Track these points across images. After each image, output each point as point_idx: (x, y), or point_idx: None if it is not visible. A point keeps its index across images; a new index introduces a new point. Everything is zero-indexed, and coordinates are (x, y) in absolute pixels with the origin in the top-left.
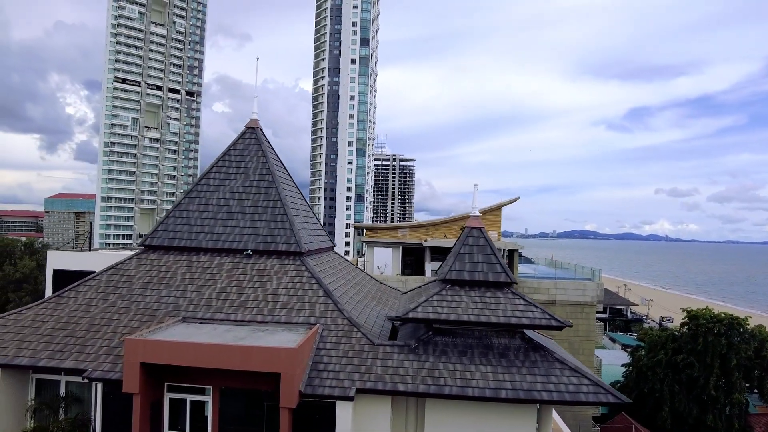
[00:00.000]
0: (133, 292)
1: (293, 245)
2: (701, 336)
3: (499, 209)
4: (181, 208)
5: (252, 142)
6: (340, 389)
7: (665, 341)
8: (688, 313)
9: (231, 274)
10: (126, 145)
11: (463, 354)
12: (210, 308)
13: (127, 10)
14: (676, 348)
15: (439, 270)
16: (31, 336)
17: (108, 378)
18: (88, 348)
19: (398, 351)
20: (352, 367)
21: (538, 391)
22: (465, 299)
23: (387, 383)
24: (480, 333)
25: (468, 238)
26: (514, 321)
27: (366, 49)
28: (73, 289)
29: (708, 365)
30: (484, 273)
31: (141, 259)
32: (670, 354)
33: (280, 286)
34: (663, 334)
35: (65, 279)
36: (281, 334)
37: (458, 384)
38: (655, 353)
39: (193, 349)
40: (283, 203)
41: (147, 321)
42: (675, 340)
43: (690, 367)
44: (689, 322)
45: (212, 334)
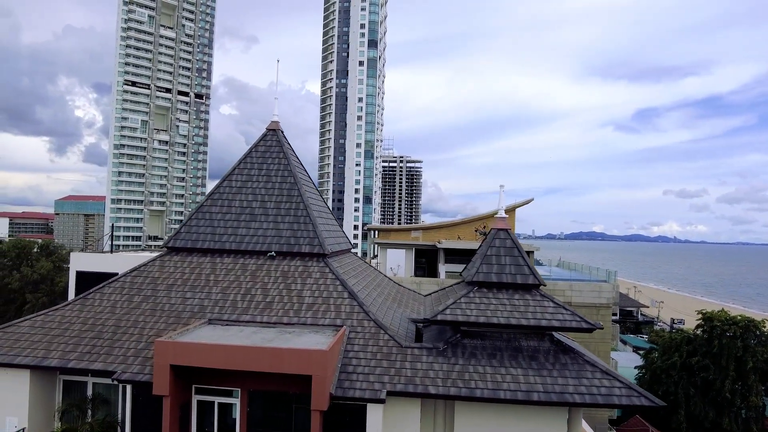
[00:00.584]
0: (157, 293)
1: (316, 247)
2: (716, 338)
3: (513, 211)
4: (203, 209)
5: (273, 144)
6: (371, 392)
7: (679, 343)
8: (703, 315)
9: (255, 276)
10: (135, 147)
11: (492, 356)
12: (236, 310)
13: (137, 13)
14: (691, 350)
15: (464, 272)
16: (59, 338)
17: (137, 380)
18: (116, 350)
19: (426, 353)
20: (381, 369)
21: (570, 394)
22: (493, 301)
23: (417, 386)
24: (508, 335)
25: (495, 239)
26: (545, 323)
27: (374, 51)
28: (98, 291)
29: (723, 368)
30: (511, 275)
31: (164, 261)
32: (685, 356)
33: (305, 287)
34: (677, 337)
35: (88, 280)
36: (308, 336)
37: (489, 387)
38: (669, 355)
39: (224, 352)
40: (305, 205)
41: (173, 323)
42: (689, 343)
43: (705, 369)
44: (704, 325)
45: (240, 336)
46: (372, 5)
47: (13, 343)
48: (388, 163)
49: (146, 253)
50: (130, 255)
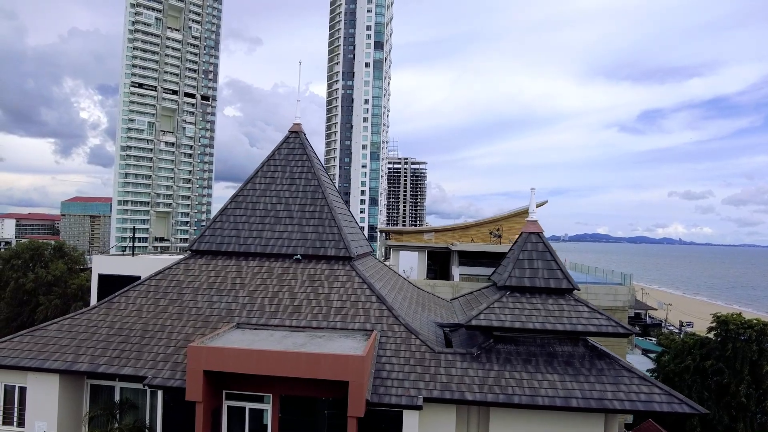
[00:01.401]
0: (183, 297)
1: (342, 250)
2: (731, 342)
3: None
4: (227, 212)
5: (296, 146)
6: (407, 398)
7: (692, 347)
8: (717, 318)
9: (282, 279)
10: (142, 149)
11: (527, 362)
12: (264, 314)
13: (144, 15)
14: (704, 354)
15: (494, 276)
16: (87, 342)
17: (168, 386)
18: (145, 354)
19: (460, 359)
20: (415, 375)
21: (610, 400)
22: (527, 306)
23: (454, 392)
24: (542, 340)
25: (526, 243)
26: (581, 328)
27: (380, 53)
28: (123, 294)
29: (738, 372)
30: (544, 279)
31: (189, 264)
32: (698, 360)
33: (332, 291)
34: (689, 340)
35: (110, 283)
36: (340, 340)
37: (527, 393)
38: (681, 359)
39: (258, 357)
40: (330, 207)
41: (201, 327)
42: (703, 346)
43: (719, 373)
44: (718, 328)
45: (270, 340)
46: (378, 7)
47: (41, 347)
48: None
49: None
50: (151, 258)
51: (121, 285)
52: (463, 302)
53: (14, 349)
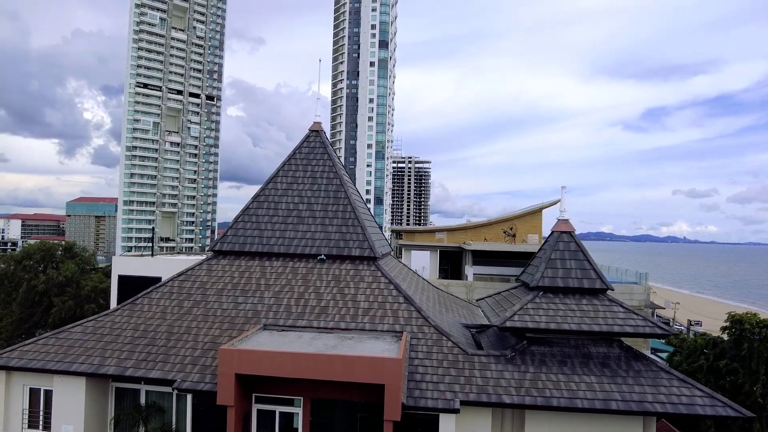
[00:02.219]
0: (208, 298)
1: (367, 250)
2: (746, 341)
3: (540, 212)
4: (249, 212)
5: (317, 145)
6: (444, 401)
7: (704, 346)
8: (731, 317)
9: (307, 280)
10: (147, 149)
11: (562, 364)
12: (290, 315)
13: (149, 16)
14: (718, 353)
15: (523, 275)
16: (113, 344)
17: (198, 389)
18: (172, 357)
19: (494, 361)
20: (450, 378)
21: (651, 403)
22: (561, 307)
23: (491, 395)
24: (576, 341)
25: (558, 243)
26: (617, 329)
27: (385, 52)
28: (146, 296)
29: (754, 372)
30: (578, 279)
31: (212, 265)
32: (712, 359)
33: (359, 292)
34: (701, 340)
35: (130, 284)
36: (371, 342)
37: (565, 395)
38: (694, 358)
39: (291, 359)
40: (353, 207)
41: (227, 329)
42: (716, 345)
43: (734, 373)
44: (732, 327)
45: (300, 342)
46: (383, 6)
47: (67, 349)
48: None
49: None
50: (170, 258)
51: (141, 286)
52: (492, 303)
53: (39, 351)
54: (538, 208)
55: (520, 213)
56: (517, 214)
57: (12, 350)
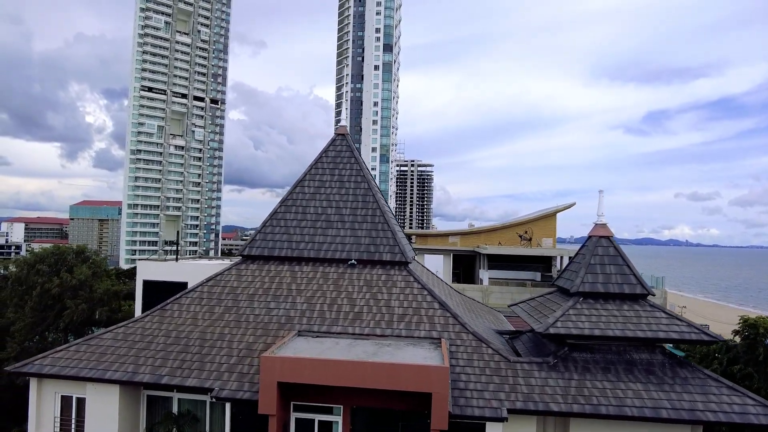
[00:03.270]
0: (239, 304)
1: (398, 255)
2: (761, 346)
3: (554, 215)
4: (277, 216)
5: (343, 149)
6: (490, 410)
7: (717, 351)
8: (744, 321)
9: (339, 285)
10: (152, 152)
11: (606, 371)
12: (324, 321)
13: (154, 20)
14: (732, 358)
15: (559, 281)
16: (145, 351)
17: (237, 398)
18: (207, 365)
19: (537, 368)
20: (494, 385)
21: (702, 411)
22: (603, 313)
23: (538, 403)
24: (618, 348)
25: (597, 248)
26: (662, 336)
27: (389, 55)
28: (176, 302)
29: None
30: (618, 284)
31: (241, 270)
32: (725, 364)
33: (392, 297)
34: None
35: (155, 289)
36: (409, 349)
37: (613, 403)
38: (707, 363)
39: (335, 367)
40: (382, 211)
41: (261, 335)
42: (729, 350)
43: (748, 378)
44: (745, 331)
45: (337, 349)
46: (387, 9)
47: (99, 356)
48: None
49: (204, 260)
50: (196, 263)
51: (167, 291)
52: (528, 309)
53: (71, 358)
54: (552, 212)
55: (534, 217)
56: (531, 218)
57: (44, 357)
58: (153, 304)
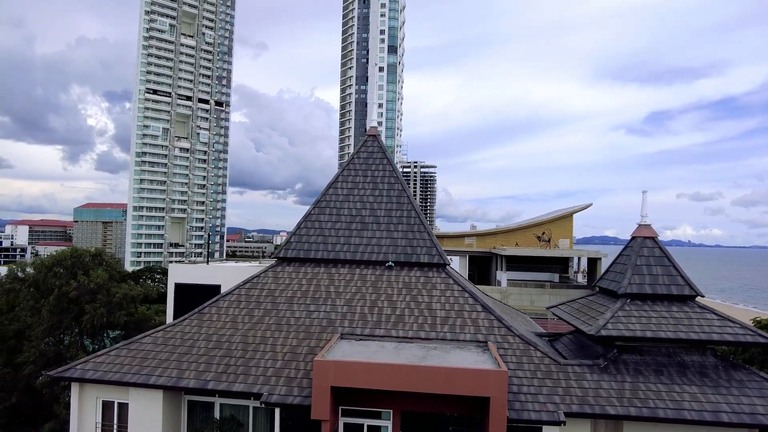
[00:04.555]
0: (278, 306)
1: (435, 257)
2: None
3: (571, 216)
4: (311, 218)
5: (375, 150)
6: (547, 413)
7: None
8: (757, 323)
9: (377, 287)
10: (157, 155)
11: (659, 373)
12: (366, 324)
13: (159, 22)
14: (747, 359)
15: (602, 282)
16: (187, 356)
17: (288, 403)
18: (252, 369)
19: (588, 371)
20: (547, 389)
21: (764, 415)
22: (652, 315)
23: (594, 406)
24: (667, 350)
25: (642, 248)
26: (716, 338)
27: (394, 57)
28: (213, 305)
29: None
30: (666, 285)
31: (277, 272)
32: None
33: (433, 299)
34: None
35: (187, 292)
36: (458, 353)
37: (670, 406)
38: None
39: (390, 371)
40: (417, 212)
41: (304, 338)
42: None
43: None
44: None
45: (384, 353)
46: (392, 11)
47: (141, 361)
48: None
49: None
50: (227, 265)
51: (200, 294)
52: (570, 311)
53: (113, 363)
54: (569, 213)
55: (551, 217)
56: (548, 219)
57: (85, 362)
58: (185, 307)
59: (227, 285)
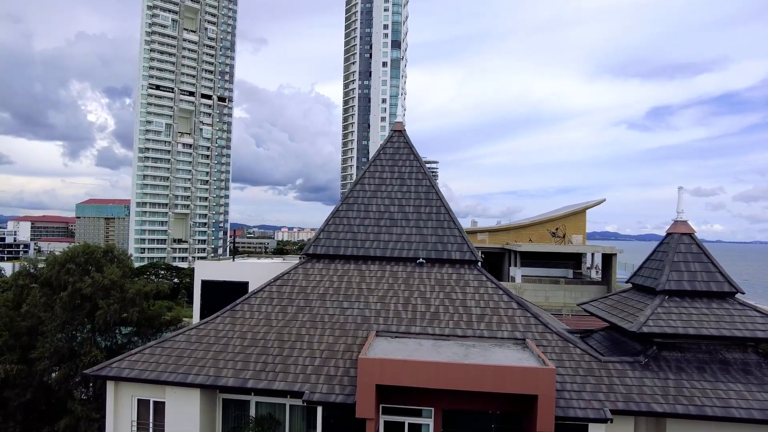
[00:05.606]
0: (311, 303)
1: (467, 253)
2: None
3: (584, 212)
4: (340, 215)
5: (401, 145)
6: (593, 410)
7: None
8: None
9: (409, 284)
10: (160, 150)
11: (701, 370)
12: (401, 321)
13: (161, 17)
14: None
15: (637, 278)
16: (223, 354)
17: (331, 401)
18: (291, 367)
19: (630, 368)
20: (590, 386)
21: None
22: (692, 311)
23: (639, 403)
24: (707, 347)
25: (679, 245)
26: (761, 335)
27: (397, 52)
28: (245, 302)
29: None
30: (704, 282)
31: (307, 269)
32: None
33: (467, 297)
34: None
35: (214, 289)
36: (498, 350)
37: (717, 404)
38: None
39: (436, 370)
40: (447, 209)
41: (339, 335)
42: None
43: None
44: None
45: (423, 351)
46: (395, 5)
47: (176, 359)
48: None
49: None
50: (254, 262)
51: (227, 291)
52: (605, 307)
53: (149, 362)
54: (582, 209)
55: (564, 213)
56: (561, 215)
57: (120, 360)
58: (212, 304)
59: (254, 282)
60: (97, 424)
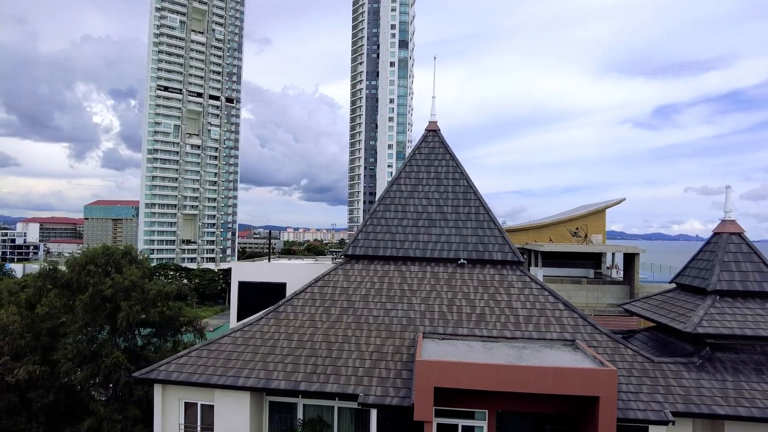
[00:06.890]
0: (354, 305)
1: (509, 254)
2: None
3: (604, 211)
4: (377, 215)
5: (436, 144)
6: (653, 412)
7: None
8: None
9: (452, 285)
10: (168, 152)
11: (758, 372)
12: (448, 322)
13: (169, 19)
14: None
15: (683, 278)
16: (271, 356)
17: (386, 404)
18: (342, 369)
19: (684, 369)
20: (647, 387)
21: None
22: (747, 312)
23: (700, 405)
24: (763, 349)
25: (729, 244)
26: None
27: (405, 51)
28: (288, 304)
29: None
30: (757, 282)
31: (347, 270)
32: None
33: (512, 298)
34: None
35: (251, 290)
36: (550, 352)
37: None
38: None
39: (496, 372)
40: (486, 209)
41: (386, 337)
42: None
43: None
44: None
45: (475, 353)
46: (402, 5)
47: (224, 362)
48: None
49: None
50: (290, 263)
51: (265, 292)
52: (649, 308)
53: (196, 365)
54: (602, 208)
55: (584, 212)
56: (581, 214)
57: (168, 363)
58: (249, 305)
59: (292, 283)
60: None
